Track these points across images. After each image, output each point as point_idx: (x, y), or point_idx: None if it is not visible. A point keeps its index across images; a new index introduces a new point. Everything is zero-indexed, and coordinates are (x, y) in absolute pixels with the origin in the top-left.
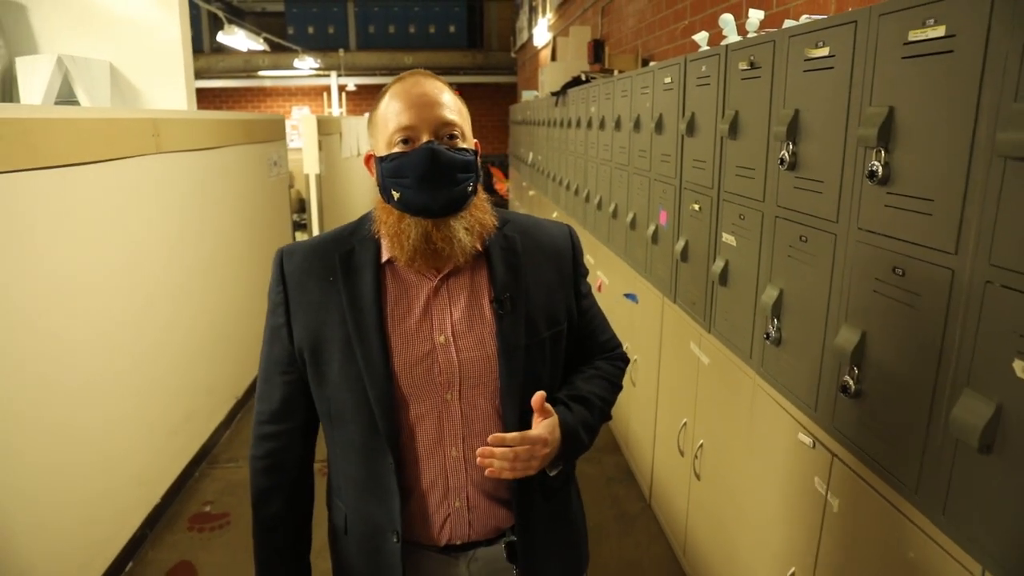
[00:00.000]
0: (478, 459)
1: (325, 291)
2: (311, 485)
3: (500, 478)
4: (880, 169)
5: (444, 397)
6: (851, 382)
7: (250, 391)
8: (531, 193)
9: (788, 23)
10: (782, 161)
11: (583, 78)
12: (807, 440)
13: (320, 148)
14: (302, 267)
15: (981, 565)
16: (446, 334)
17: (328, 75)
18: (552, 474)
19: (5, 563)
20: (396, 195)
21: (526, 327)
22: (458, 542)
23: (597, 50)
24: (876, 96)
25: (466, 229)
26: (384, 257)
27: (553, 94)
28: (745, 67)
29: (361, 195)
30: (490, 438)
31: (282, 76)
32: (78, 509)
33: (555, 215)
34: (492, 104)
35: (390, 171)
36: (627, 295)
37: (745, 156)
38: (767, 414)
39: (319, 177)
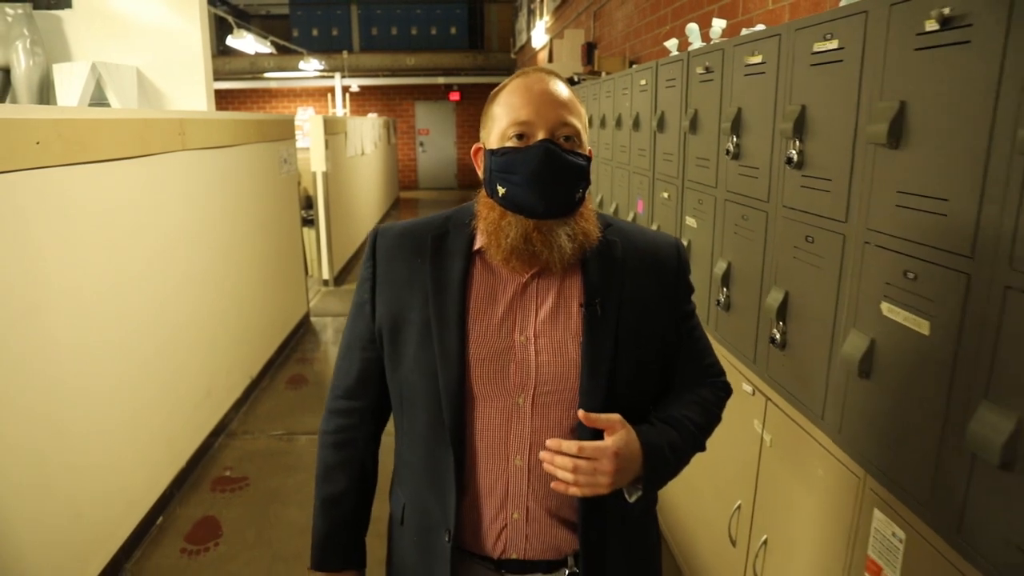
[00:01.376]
0: (541, 455)
1: (412, 271)
2: (375, 468)
3: (567, 495)
4: (796, 156)
5: (516, 400)
6: (778, 334)
7: (264, 372)
8: None
9: (744, 31)
10: (728, 152)
11: (575, 79)
12: (748, 388)
13: (327, 147)
14: (394, 245)
15: (864, 470)
16: (527, 333)
17: (332, 76)
18: (631, 500)
19: (62, 511)
20: (502, 191)
21: (616, 338)
22: (514, 556)
23: (590, 52)
24: (793, 96)
25: (568, 236)
26: (477, 245)
27: None
28: (702, 71)
29: (366, 192)
30: (548, 443)
31: (287, 77)
32: (117, 471)
33: None
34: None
35: (500, 165)
36: None
37: (702, 148)
38: None
39: (326, 175)
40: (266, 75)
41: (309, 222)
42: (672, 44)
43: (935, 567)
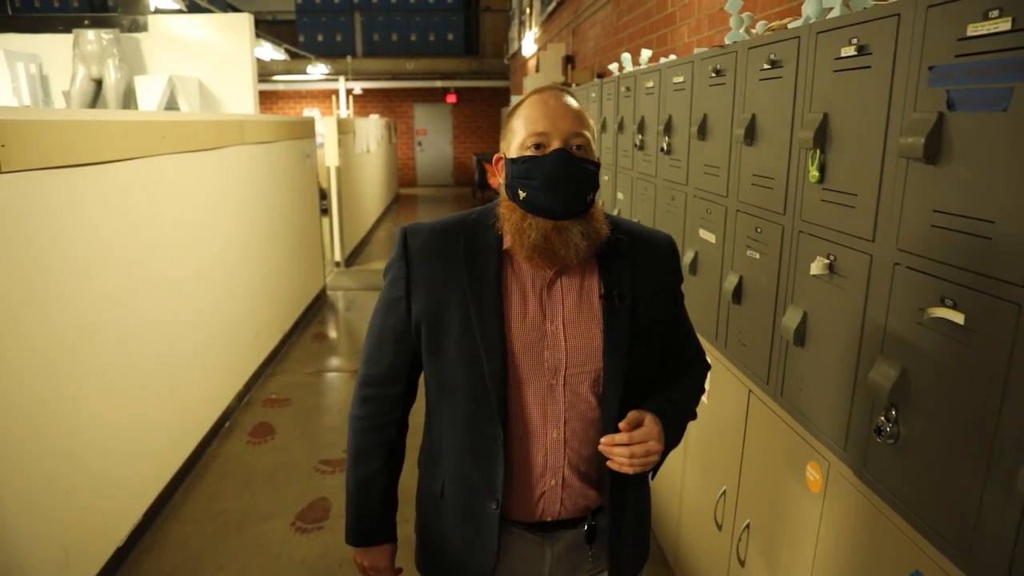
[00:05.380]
0: (601, 446)
1: (448, 269)
2: (404, 449)
3: (594, 460)
4: (666, 146)
5: (550, 382)
6: None
7: (293, 329)
8: None
9: (663, 60)
10: (635, 144)
11: None
12: None
13: (339, 145)
14: (427, 245)
15: (697, 332)
16: (556, 323)
17: (336, 80)
18: (650, 467)
19: (167, 412)
20: (522, 195)
21: (631, 323)
22: (549, 519)
23: (568, 65)
24: (666, 108)
25: (583, 234)
26: (505, 245)
27: None
28: (624, 90)
29: (371, 186)
30: (603, 440)
31: (294, 80)
32: (196, 389)
33: None
34: (487, 106)
35: (520, 172)
36: None
37: (626, 144)
38: None
39: (339, 169)
40: (274, 78)
41: (323, 211)
42: (614, 67)
43: (730, 379)
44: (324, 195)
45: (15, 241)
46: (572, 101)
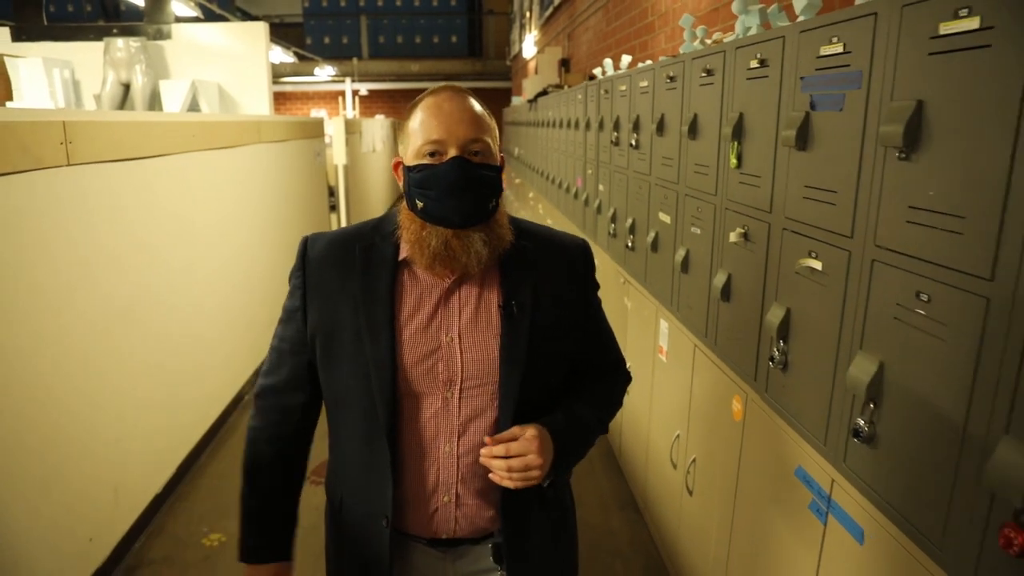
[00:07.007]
0: (481, 458)
1: (342, 280)
2: (304, 463)
3: (491, 481)
4: (635, 142)
5: (444, 395)
6: (630, 242)
7: None
8: (517, 181)
9: (640, 65)
10: (612, 141)
11: (547, 91)
12: (621, 280)
13: (347, 144)
14: (323, 255)
15: (658, 300)
16: (452, 334)
17: (343, 81)
18: (545, 485)
19: (198, 384)
20: (420, 204)
21: (531, 334)
22: (443, 536)
23: (564, 68)
24: (635, 109)
25: (484, 241)
26: (402, 255)
27: (528, 101)
28: (604, 92)
29: (376, 182)
30: (483, 451)
31: (302, 82)
32: (216, 371)
33: (531, 195)
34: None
35: (416, 181)
36: None
37: (605, 141)
38: (606, 268)
39: (346, 167)
40: (283, 79)
41: (331, 207)
42: (598, 71)
43: (681, 337)
44: (332, 192)
45: (75, 226)
46: (469, 103)
